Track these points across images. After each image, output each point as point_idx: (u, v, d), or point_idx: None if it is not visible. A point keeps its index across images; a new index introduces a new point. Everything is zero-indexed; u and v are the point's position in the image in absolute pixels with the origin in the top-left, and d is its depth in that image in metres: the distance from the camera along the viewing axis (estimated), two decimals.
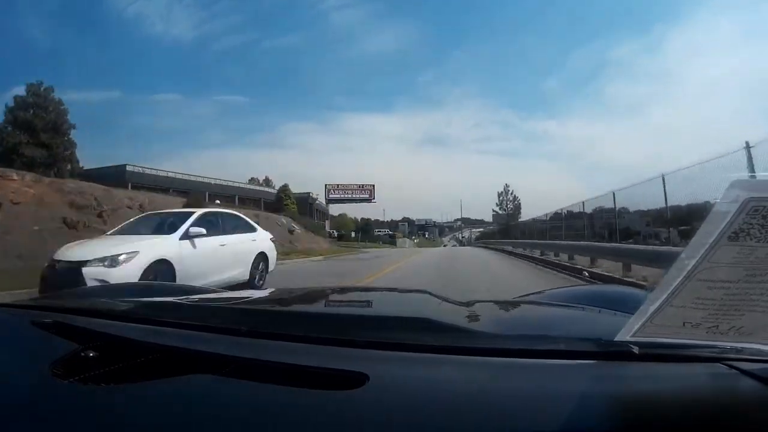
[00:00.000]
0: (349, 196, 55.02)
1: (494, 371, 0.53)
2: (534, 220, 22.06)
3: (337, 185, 54.99)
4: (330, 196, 54.63)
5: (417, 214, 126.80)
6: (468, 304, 1.01)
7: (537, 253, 14.94)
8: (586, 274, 8.03)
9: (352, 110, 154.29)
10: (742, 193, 0.36)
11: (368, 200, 55.14)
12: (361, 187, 55.83)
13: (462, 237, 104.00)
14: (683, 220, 8.83)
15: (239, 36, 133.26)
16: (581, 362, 0.54)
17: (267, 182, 56.26)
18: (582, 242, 11.46)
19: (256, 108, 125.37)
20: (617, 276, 7.28)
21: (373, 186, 55.53)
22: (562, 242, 13.52)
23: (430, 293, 1.15)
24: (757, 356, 0.48)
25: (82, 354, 0.60)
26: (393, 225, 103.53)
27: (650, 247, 7.68)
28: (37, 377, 0.52)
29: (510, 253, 19.13)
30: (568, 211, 15.82)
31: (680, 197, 8.36)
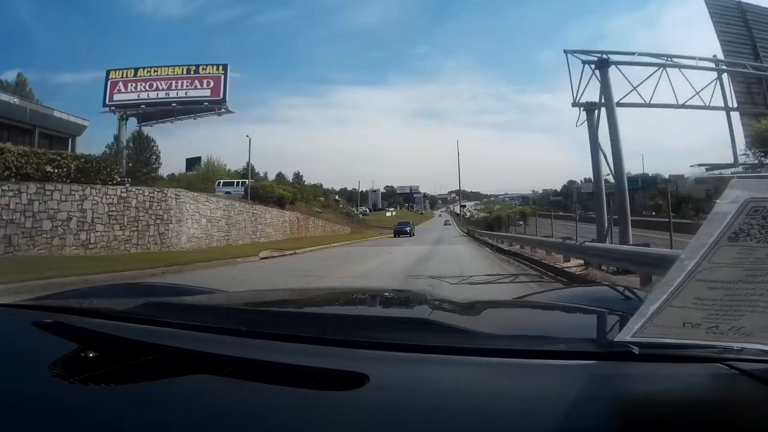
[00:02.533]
0: (162, 97, 23.85)
1: (494, 371, 0.53)
2: None
3: (135, 71, 24.08)
4: (116, 97, 23.71)
5: (412, 186, 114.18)
6: (468, 304, 1.01)
7: None
8: None
9: (346, 84, 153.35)
10: (742, 194, 0.36)
11: (210, 107, 24.62)
12: (191, 76, 24.14)
13: (463, 210, 76.18)
14: None
15: (230, 10, 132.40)
16: (581, 362, 0.54)
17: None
18: None
19: (249, 83, 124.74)
20: None
21: (222, 71, 24.43)
22: None
23: (429, 294, 1.15)
24: (757, 356, 0.48)
25: (82, 354, 0.60)
26: (362, 196, 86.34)
27: None
28: (37, 377, 0.52)
29: None
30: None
31: None
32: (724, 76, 12.94)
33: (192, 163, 32.41)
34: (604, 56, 10.83)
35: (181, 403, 0.47)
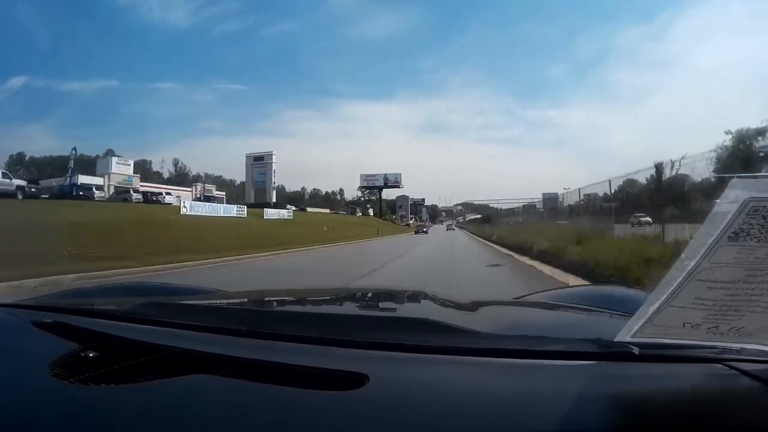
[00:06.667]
0: None
1: (494, 372, 0.53)
2: None
3: None
4: None
5: (388, 175, 73.09)
6: (468, 304, 1.01)
7: None
8: None
9: (353, 97, 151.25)
10: (742, 193, 0.36)
11: None
12: None
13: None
14: None
15: (237, 22, 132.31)
16: (581, 363, 0.54)
17: None
18: None
19: (255, 96, 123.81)
20: None
21: None
22: None
23: (430, 294, 1.15)
24: (758, 357, 0.48)
25: (82, 354, 0.60)
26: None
27: None
28: (37, 377, 0.52)
29: None
30: None
31: None
32: None
33: None
34: None
35: (181, 403, 0.47)
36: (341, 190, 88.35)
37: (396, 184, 72.82)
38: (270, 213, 35.15)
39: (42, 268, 6.51)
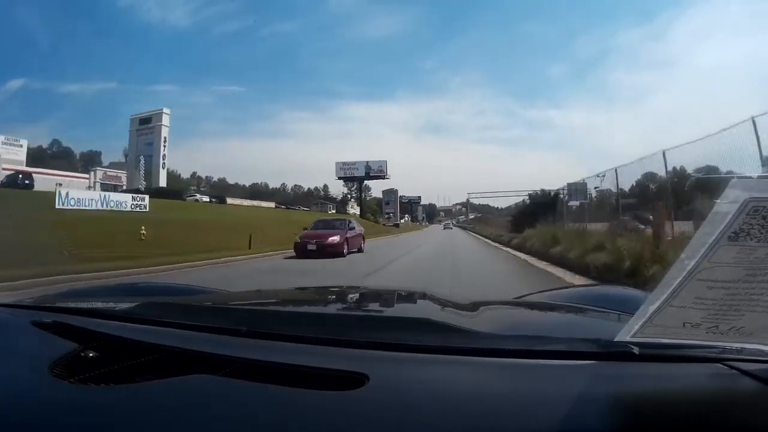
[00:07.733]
0: None
1: (494, 372, 0.53)
2: None
3: None
4: None
5: (370, 162, 54.10)
6: (468, 304, 1.01)
7: None
8: None
9: (352, 98, 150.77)
10: (742, 194, 0.36)
11: None
12: None
13: None
14: None
15: (236, 23, 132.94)
16: (581, 363, 0.54)
17: None
18: None
19: (255, 97, 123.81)
20: None
21: None
22: None
23: (429, 294, 1.15)
24: (758, 356, 0.48)
25: (82, 354, 0.60)
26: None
27: None
28: (37, 377, 0.52)
29: None
30: None
31: None
32: None
33: None
34: None
35: (181, 403, 0.47)
36: (325, 186, 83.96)
37: (381, 175, 56.48)
38: (76, 198, 18.78)
39: None
